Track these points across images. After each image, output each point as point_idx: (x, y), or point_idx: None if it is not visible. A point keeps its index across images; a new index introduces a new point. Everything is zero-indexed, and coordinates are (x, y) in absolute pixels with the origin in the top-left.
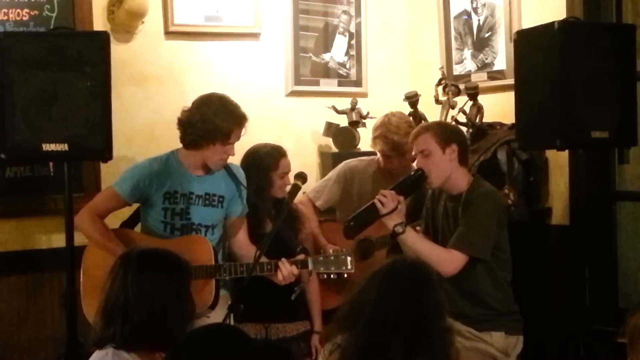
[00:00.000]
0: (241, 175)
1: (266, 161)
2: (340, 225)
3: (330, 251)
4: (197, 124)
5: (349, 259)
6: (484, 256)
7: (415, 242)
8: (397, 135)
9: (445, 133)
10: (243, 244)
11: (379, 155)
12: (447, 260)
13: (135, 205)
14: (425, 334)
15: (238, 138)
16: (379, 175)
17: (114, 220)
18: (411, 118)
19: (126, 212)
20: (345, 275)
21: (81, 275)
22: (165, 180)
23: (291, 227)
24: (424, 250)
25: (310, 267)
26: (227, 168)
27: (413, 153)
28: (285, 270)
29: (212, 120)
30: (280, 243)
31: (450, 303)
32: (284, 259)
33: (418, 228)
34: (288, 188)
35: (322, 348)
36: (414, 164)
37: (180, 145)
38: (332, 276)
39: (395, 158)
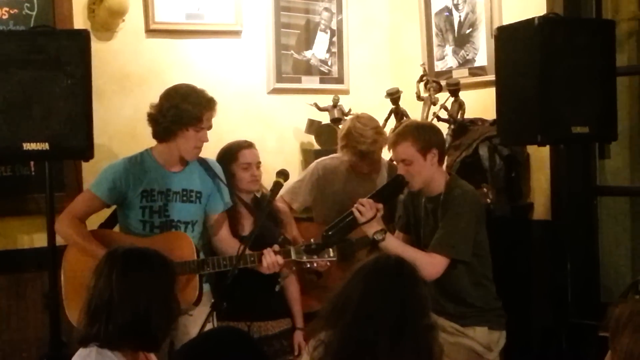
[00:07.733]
0: (218, 169)
1: (226, 154)
2: (318, 225)
3: (312, 240)
4: (169, 111)
5: (331, 248)
6: (465, 258)
7: (396, 248)
8: (364, 145)
9: (424, 139)
10: (226, 240)
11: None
12: (430, 264)
13: (114, 207)
14: (409, 329)
15: (210, 123)
16: (353, 172)
17: (91, 223)
18: (388, 118)
19: (104, 215)
20: (328, 263)
21: (62, 277)
22: (142, 178)
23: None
24: (406, 255)
25: (293, 256)
26: (204, 163)
27: (394, 161)
28: (270, 259)
29: (182, 105)
30: (262, 240)
31: (433, 302)
32: (268, 248)
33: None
34: (258, 180)
35: (307, 345)
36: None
37: (155, 143)
38: (314, 265)
39: (365, 163)
